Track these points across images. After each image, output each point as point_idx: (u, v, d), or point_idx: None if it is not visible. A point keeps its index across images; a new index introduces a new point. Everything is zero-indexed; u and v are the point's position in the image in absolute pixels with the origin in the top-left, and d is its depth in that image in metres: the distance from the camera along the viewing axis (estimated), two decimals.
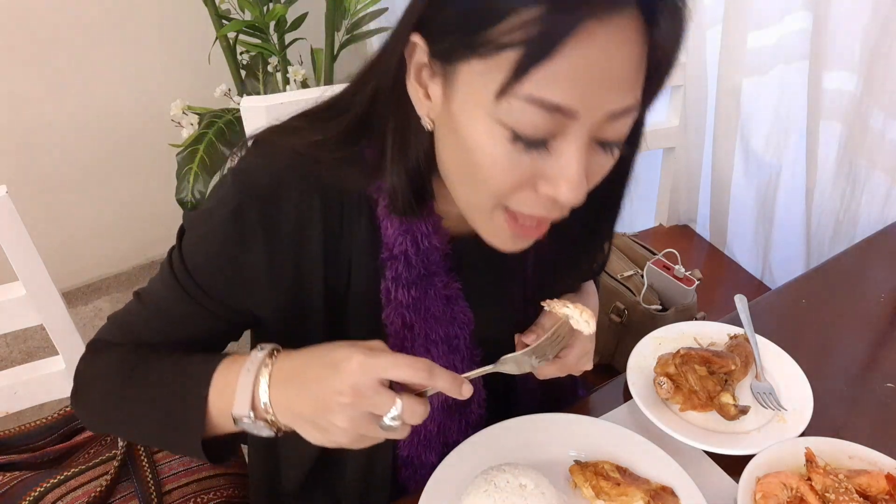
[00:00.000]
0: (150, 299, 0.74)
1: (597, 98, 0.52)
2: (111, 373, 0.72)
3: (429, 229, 0.70)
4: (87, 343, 0.77)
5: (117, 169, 2.19)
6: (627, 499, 0.74)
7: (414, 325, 0.73)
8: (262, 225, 0.66)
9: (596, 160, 0.58)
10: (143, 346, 0.73)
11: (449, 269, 0.74)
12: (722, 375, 0.87)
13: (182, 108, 1.76)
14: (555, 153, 0.55)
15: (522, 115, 0.52)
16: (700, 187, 1.69)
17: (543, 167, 0.56)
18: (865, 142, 1.29)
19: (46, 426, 1.01)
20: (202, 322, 0.72)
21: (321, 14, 1.72)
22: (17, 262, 0.91)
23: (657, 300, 1.26)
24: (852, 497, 0.72)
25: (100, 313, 2.24)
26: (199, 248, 0.70)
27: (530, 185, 0.57)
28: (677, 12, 0.53)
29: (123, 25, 2.00)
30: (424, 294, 0.73)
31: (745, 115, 1.52)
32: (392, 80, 0.61)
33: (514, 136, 0.53)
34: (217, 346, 0.76)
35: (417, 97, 0.60)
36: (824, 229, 1.44)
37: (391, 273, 0.70)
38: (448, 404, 0.81)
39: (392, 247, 0.69)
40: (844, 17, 1.23)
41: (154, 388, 0.69)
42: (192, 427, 0.64)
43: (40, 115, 2.01)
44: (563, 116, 0.52)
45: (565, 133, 0.54)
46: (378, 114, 0.64)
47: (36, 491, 0.91)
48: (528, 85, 0.51)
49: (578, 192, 0.55)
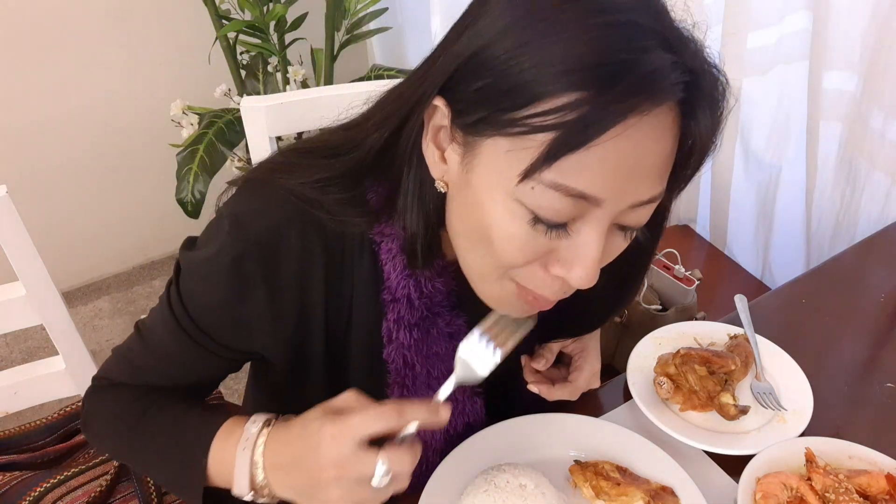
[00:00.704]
0: (152, 341, 0.74)
1: (625, 189, 0.51)
2: (117, 420, 0.74)
3: (433, 273, 0.68)
4: (93, 377, 0.79)
5: (117, 169, 2.19)
6: (627, 499, 0.74)
7: (416, 365, 0.72)
8: (262, 274, 0.64)
9: (612, 243, 0.56)
10: (146, 395, 0.74)
11: (453, 306, 0.72)
12: (722, 375, 0.87)
13: (182, 108, 1.77)
14: (573, 236, 0.53)
15: (545, 199, 0.50)
16: (700, 187, 1.69)
17: (559, 248, 0.54)
18: (865, 142, 1.29)
19: (46, 426, 1.01)
20: (205, 363, 0.72)
21: (321, 14, 1.72)
22: (17, 262, 0.91)
23: (657, 300, 1.26)
24: (852, 497, 0.72)
25: (100, 313, 2.24)
26: (200, 295, 0.68)
27: (541, 263, 0.56)
28: (715, 105, 0.52)
29: (123, 25, 2.00)
30: (427, 334, 0.72)
31: (745, 115, 1.52)
32: (410, 132, 0.59)
33: (534, 218, 0.52)
34: (220, 378, 0.78)
35: (433, 159, 0.58)
36: (824, 229, 1.44)
37: (393, 315, 0.69)
38: (450, 436, 0.80)
39: (395, 290, 0.68)
40: (844, 17, 1.23)
41: (156, 450, 0.71)
42: (194, 490, 0.67)
43: (40, 115, 2.01)
44: (587, 203, 0.51)
45: (586, 218, 0.52)
46: (389, 161, 0.62)
47: (36, 491, 0.91)
48: (556, 171, 0.49)
49: (591, 276, 0.54)
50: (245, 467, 0.62)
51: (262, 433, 0.63)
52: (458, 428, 0.81)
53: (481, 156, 0.53)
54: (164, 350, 0.73)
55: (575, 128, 0.47)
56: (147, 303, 2.26)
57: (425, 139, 0.58)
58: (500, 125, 0.50)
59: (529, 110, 0.48)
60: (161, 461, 0.72)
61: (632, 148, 0.49)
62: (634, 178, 0.51)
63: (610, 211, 0.52)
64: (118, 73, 2.06)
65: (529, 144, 0.49)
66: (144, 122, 2.12)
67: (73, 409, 1.02)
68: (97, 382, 0.78)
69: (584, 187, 0.49)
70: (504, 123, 0.50)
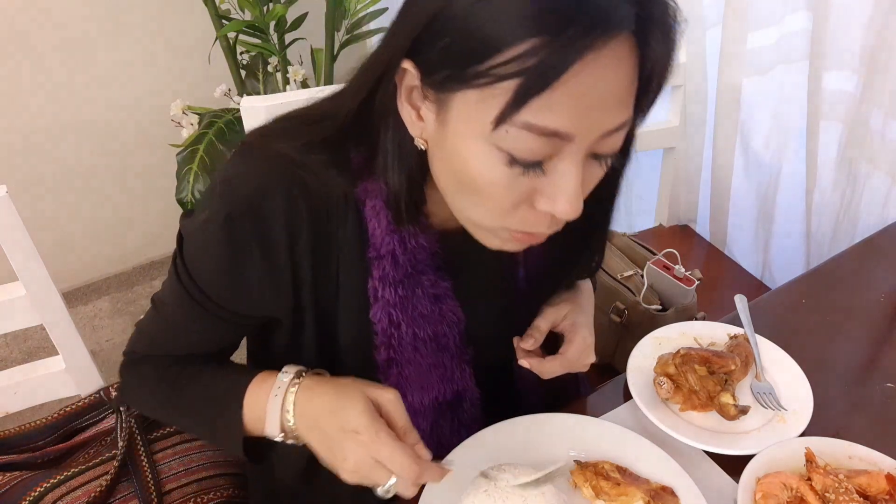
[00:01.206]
0: (165, 312, 0.78)
1: (593, 120, 0.54)
2: (154, 387, 0.80)
3: (416, 229, 0.71)
4: (124, 352, 0.84)
5: (117, 169, 2.19)
6: (627, 499, 0.74)
7: (401, 324, 0.74)
8: (253, 234, 0.66)
9: (591, 172, 0.59)
10: (176, 361, 0.80)
11: (437, 267, 0.75)
12: (722, 375, 0.87)
13: (182, 108, 1.77)
14: (551, 172, 0.56)
15: (519, 141, 0.53)
16: (700, 187, 1.69)
17: (541, 185, 0.57)
18: (865, 142, 1.29)
19: (46, 426, 1.00)
20: (217, 330, 0.76)
21: (321, 14, 1.72)
22: (17, 262, 0.91)
23: (657, 300, 1.26)
24: (852, 497, 0.72)
25: (100, 313, 2.24)
26: (201, 261, 0.71)
27: (528, 202, 0.58)
28: (668, 31, 0.54)
29: (123, 25, 2.00)
30: (412, 293, 0.73)
31: (745, 115, 1.52)
32: (384, 96, 0.61)
33: (511, 160, 0.54)
34: (236, 343, 0.82)
35: (410, 119, 0.60)
36: (824, 229, 1.44)
37: (378, 272, 0.71)
38: (439, 403, 0.81)
39: (379, 247, 0.70)
40: (844, 17, 1.23)
41: (195, 408, 0.78)
42: (233, 440, 0.73)
43: (40, 115, 2.01)
44: (560, 140, 0.53)
45: (561, 153, 0.55)
46: (368, 124, 0.65)
47: (36, 491, 0.91)
48: (526, 113, 0.51)
49: (575, 206, 0.57)
50: (276, 412, 0.68)
51: (293, 383, 0.69)
52: (446, 396, 0.82)
53: (453, 110, 0.55)
54: (177, 320, 0.77)
55: (536, 72, 0.49)
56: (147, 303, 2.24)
57: (400, 100, 0.60)
58: (466, 79, 0.53)
59: (492, 61, 0.51)
60: (200, 417, 0.77)
61: (593, 82, 0.51)
62: (600, 110, 0.53)
63: (582, 144, 0.54)
64: (118, 73, 2.06)
65: (497, 92, 0.52)
66: (144, 123, 2.12)
67: (73, 409, 1.02)
68: (128, 357, 0.83)
69: (554, 125, 0.52)
70: (470, 77, 0.52)
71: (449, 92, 0.55)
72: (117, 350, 2.08)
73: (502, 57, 0.50)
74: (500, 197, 0.57)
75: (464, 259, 0.76)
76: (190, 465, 0.99)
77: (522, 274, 0.80)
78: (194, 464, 0.99)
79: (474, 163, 0.56)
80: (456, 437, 0.81)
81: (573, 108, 0.52)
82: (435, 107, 0.57)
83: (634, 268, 1.33)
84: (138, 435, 0.98)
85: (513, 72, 0.50)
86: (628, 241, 1.42)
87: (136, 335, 0.83)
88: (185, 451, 1.01)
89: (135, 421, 0.99)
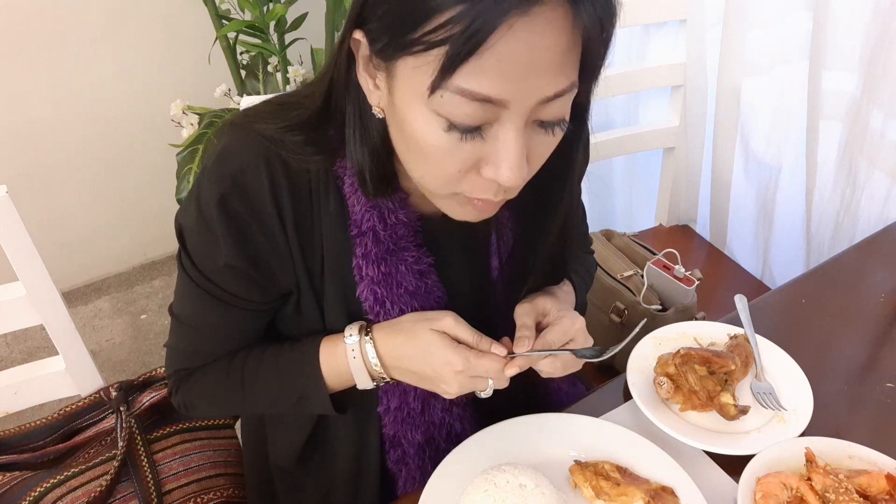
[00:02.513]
0: (189, 319, 0.79)
1: (525, 87, 0.54)
2: (225, 387, 0.81)
3: (395, 205, 0.72)
4: (170, 375, 0.85)
5: (117, 169, 2.19)
6: (627, 499, 0.75)
7: (385, 301, 0.75)
8: (246, 210, 0.68)
9: (538, 140, 0.59)
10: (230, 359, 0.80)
11: (419, 244, 0.76)
12: (722, 375, 0.87)
13: (182, 108, 1.76)
14: (491, 139, 0.57)
15: (454, 106, 0.54)
16: (700, 187, 1.69)
17: (484, 152, 0.58)
18: (865, 142, 1.29)
19: (46, 426, 1.00)
20: (244, 319, 0.77)
21: (321, 14, 1.72)
22: (17, 262, 0.91)
23: (657, 300, 1.26)
24: (852, 497, 0.72)
25: (100, 313, 2.24)
26: (206, 253, 0.72)
27: (475, 169, 0.59)
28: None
29: (123, 25, 2.00)
30: (395, 269, 0.74)
31: (745, 115, 1.52)
32: (345, 70, 0.64)
33: (449, 125, 0.56)
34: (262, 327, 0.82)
35: (368, 87, 0.62)
36: (824, 229, 1.44)
37: (360, 249, 0.72)
38: None
39: (360, 223, 0.71)
40: (844, 17, 1.23)
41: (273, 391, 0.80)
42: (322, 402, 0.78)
43: (40, 114, 2.01)
44: (495, 105, 0.54)
45: (500, 120, 0.56)
46: (336, 102, 0.67)
47: (36, 491, 0.91)
48: (458, 79, 0.53)
49: (518, 173, 0.58)
50: (362, 370, 0.74)
51: (363, 340, 0.74)
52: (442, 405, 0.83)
53: (397, 77, 0.57)
54: (203, 322, 0.78)
55: (462, 38, 0.51)
56: (147, 303, 2.26)
57: (359, 70, 0.62)
58: (403, 46, 0.54)
59: (424, 28, 0.52)
60: (281, 395, 0.79)
61: (523, 47, 0.52)
62: (532, 75, 0.53)
63: (519, 110, 0.55)
64: (118, 72, 2.06)
65: (430, 59, 0.53)
66: (144, 122, 2.12)
67: (73, 409, 1.02)
68: (175, 378, 0.84)
69: (486, 90, 0.53)
70: (406, 44, 0.54)
71: (392, 60, 0.57)
72: (117, 350, 2.10)
73: (432, 24, 0.52)
74: (445, 162, 0.59)
75: (443, 238, 0.77)
76: (190, 465, 0.99)
77: (496, 263, 0.81)
78: (194, 464, 0.99)
79: (416, 127, 0.57)
80: (448, 416, 0.83)
81: (503, 73, 0.52)
82: (384, 74, 0.59)
83: (634, 268, 1.33)
84: (138, 435, 0.98)
85: (441, 38, 0.51)
86: (628, 240, 1.42)
87: (172, 355, 0.84)
88: (185, 451, 1.01)
89: (135, 421, 0.99)
